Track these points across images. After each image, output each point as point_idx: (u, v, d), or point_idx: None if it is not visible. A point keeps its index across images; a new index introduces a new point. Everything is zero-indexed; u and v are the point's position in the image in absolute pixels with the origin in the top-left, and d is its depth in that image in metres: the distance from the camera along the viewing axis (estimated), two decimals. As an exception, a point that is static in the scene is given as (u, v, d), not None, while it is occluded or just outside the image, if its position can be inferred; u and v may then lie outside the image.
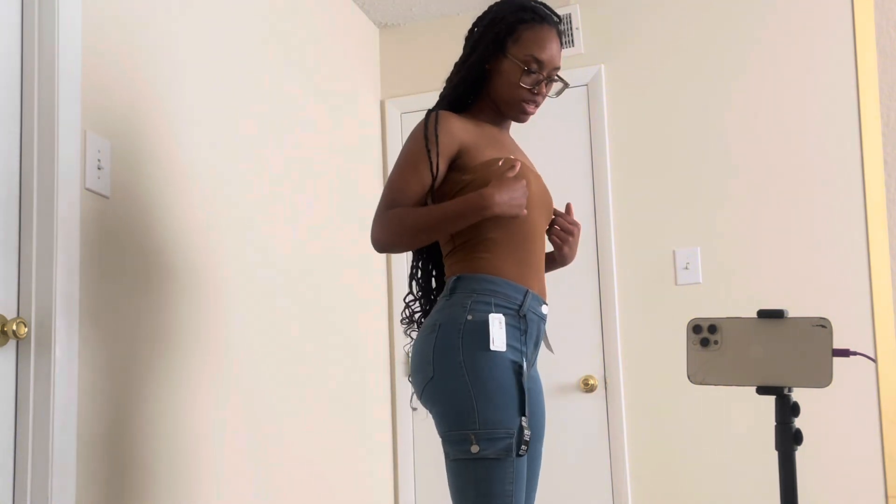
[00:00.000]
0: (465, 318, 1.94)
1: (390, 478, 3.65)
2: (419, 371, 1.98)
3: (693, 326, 1.64)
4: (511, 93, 2.08)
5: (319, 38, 3.37)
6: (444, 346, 1.93)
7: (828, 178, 3.27)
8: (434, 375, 1.93)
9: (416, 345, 2.01)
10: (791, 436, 1.57)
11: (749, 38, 3.42)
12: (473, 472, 1.87)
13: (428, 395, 1.96)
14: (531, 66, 2.05)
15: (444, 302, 2.00)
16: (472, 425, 1.87)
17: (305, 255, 3.11)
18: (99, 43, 2.18)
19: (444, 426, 1.92)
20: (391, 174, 2.05)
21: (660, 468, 3.38)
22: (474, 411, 1.88)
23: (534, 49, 2.05)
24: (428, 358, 1.95)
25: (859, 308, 3.19)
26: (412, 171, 2.01)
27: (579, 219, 3.55)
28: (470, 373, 1.90)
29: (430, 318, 2.01)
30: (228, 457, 2.58)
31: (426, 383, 1.95)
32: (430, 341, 1.96)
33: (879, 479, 3.12)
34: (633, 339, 3.45)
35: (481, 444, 1.86)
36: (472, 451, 1.86)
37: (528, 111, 2.11)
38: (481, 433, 1.87)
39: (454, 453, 1.90)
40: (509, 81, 2.07)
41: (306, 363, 3.06)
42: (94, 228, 2.11)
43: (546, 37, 2.07)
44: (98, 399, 2.09)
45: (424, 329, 2.01)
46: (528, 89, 2.07)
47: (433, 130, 2.00)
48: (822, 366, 1.55)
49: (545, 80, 2.09)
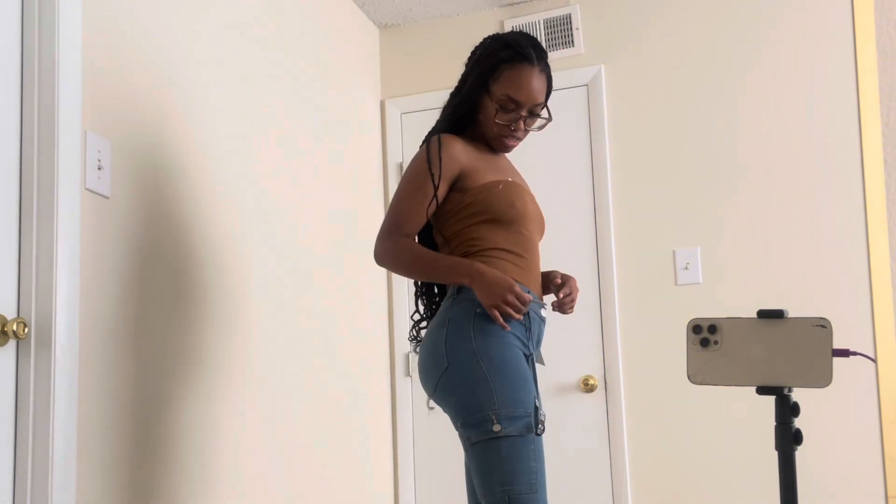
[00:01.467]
0: (475, 310, 2.02)
1: (390, 478, 3.65)
2: (432, 365, 2.03)
3: (693, 326, 1.64)
4: (491, 127, 2.18)
5: (319, 38, 3.37)
6: (457, 337, 2.01)
7: (828, 179, 3.27)
8: (448, 366, 1.99)
9: (426, 344, 2.08)
10: (791, 436, 1.57)
11: (749, 39, 3.42)
12: (497, 452, 1.91)
13: (443, 386, 2.00)
14: (507, 105, 2.14)
15: (452, 300, 2.08)
16: (491, 406, 1.93)
17: (305, 254, 3.11)
18: (99, 43, 2.18)
19: (464, 413, 1.96)
20: (397, 194, 2.16)
21: (660, 468, 3.37)
22: (492, 392, 1.94)
23: (510, 90, 2.13)
24: (441, 350, 2.01)
25: (859, 308, 3.19)
26: (416, 193, 2.12)
27: (579, 218, 3.55)
28: (484, 358, 1.97)
29: (439, 316, 2.09)
30: (228, 456, 2.58)
31: (440, 375, 2.00)
32: (440, 335, 2.03)
33: (879, 479, 3.12)
34: (633, 339, 3.45)
35: (502, 423, 1.92)
36: (494, 430, 1.91)
37: (508, 145, 2.21)
38: (501, 412, 1.93)
39: (476, 436, 1.94)
40: (489, 117, 2.17)
41: (306, 363, 3.06)
42: (94, 228, 2.11)
43: (524, 76, 2.13)
44: (98, 399, 2.09)
45: (434, 327, 2.07)
46: (505, 125, 2.16)
47: (436, 153, 2.11)
48: (822, 366, 1.55)
49: (525, 117, 2.17)
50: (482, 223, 2.12)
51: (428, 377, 2.05)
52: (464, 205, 2.13)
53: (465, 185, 2.13)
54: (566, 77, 3.61)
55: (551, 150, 3.61)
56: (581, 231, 3.55)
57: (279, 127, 3.02)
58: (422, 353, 2.09)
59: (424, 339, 2.11)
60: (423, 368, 2.07)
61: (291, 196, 3.06)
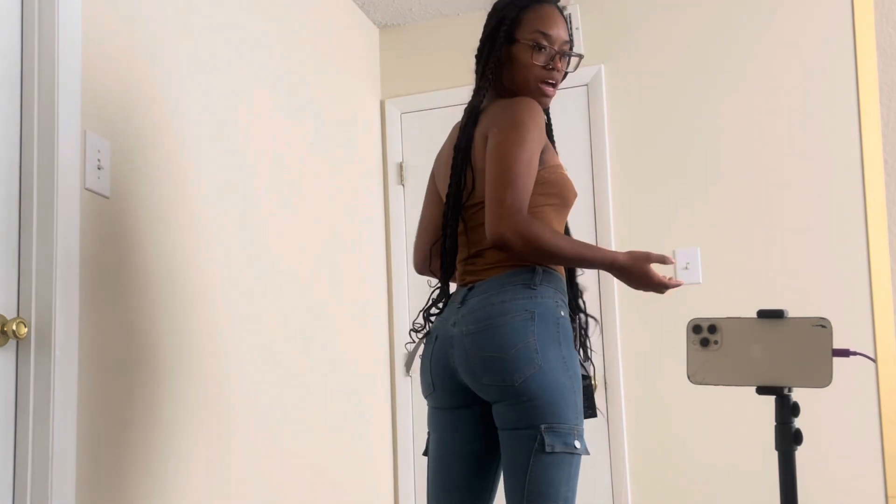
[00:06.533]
0: (559, 313, 1.97)
1: (390, 477, 3.65)
2: (522, 355, 1.89)
3: (693, 326, 1.64)
4: (527, 74, 2.07)
5: (319, 38, 3.37)
6: (546, 336, 1.92)
7: (828, 179, 3.27)
8: (542, 364, 1.89)
9: (500, 328, 1.92)
10: (791, 436, 1.57)
11: (749, 38, 3.42)
12: (569, 468, 1.91)
13: (536, 382, 1.89)
14: (541, 41, 2.06)
15: (529, 291, 1.95)
16: (576, 420, 1.91)
17: (306, 254, 3.11)
18: (99, 43, 2.18)
19: (552, 418, 1.89)
20: (504, 159, 1.92)
21: (660, 468, 3.37)
22: (577, 406, 1.92)
23: (539, 25, 2.07)
24: (532, 344, 1.90)
25: (859, 308, 3.19)
26: (530, 162, 1.94)
27: (579, 218, 3.55)
28: (570, 368, 1.93)
29: (515, 303, 1.94)
30: (229, 456, 2.58)
31: (535, 371, 1.89)
32: (528, 327, 1.91)
33: (879, 479, 3.12)
34: (633, 339, 3.45)
35: (580, 440, 1.91)
36: (575, 446, 1.90)
37: (547, 92, 2.10)
38: (579, 429, 1.92)
39: (559, 446, 1.89)
40: (523, 64, 2.07)
41: (307, 363, 3.06)
42: (94, 228, 2.11)
43: (549, 14, 2.09)
44: (98, 399, 2.09)
45: (509, 314, 1.93)
46: (542, 66, 2.07)
47: (533, 112, 1.97)
48: (822, 366, 1.55)
49: (557, 54, 2.09)
50: (551, 206, 2.03)
51: (512, 366, 1.89)
52: (542, 181, 2.00)
53: (544, 158, 2.01)
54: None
55: (551, 150, 3.61)
56: (581, 231, 3.55)
57: (279, 126, 3.02)
58: (491, 336, 1.92)
59: (489, 319, 1.93)
60: (498, 350, 1.91)
61: (291, 195, 3.06)
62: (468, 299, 2.01)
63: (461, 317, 2.00)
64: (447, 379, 2.03)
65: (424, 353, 2.11)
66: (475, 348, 1.95)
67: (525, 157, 1.93)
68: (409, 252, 3.72)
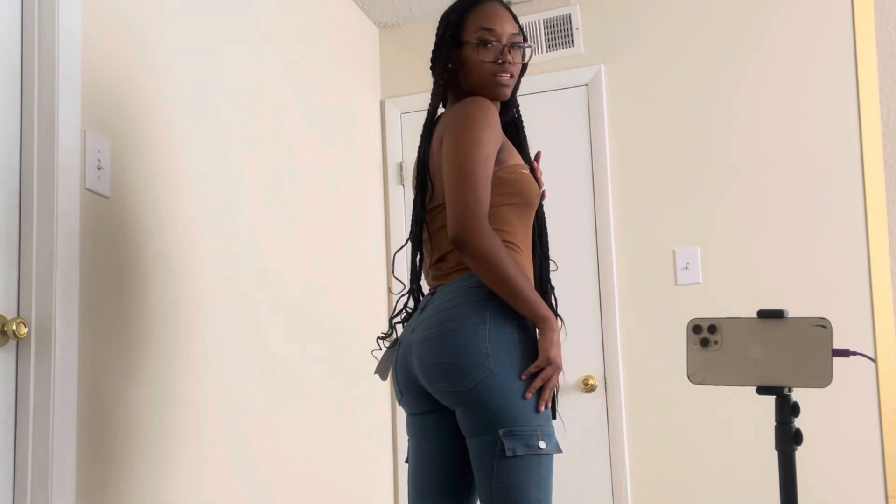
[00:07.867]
0: (515, 315, 1.92)
1: (390, 477, 3.65)
2: (473, 360, 1.88)
3: (693, 326, 1.64)
4: (479, 72, 2.06)
5: (319, 38, 3.37)
6: (499, 338, 1.89)
7: (828, 179, 3.27)
8: (494, 369, 1.86)
9: (451, 332, 1.91)
10: (791, 436, 1.57)
11: (749, 38, 3.42)
12: (538, 469, 1.88)
13: (486, 388, 1.87)
14: (486, 38, 2.05)
15: (484, 294, 1.93)
16: (538, 420, 1.88)
17: (305, 254, 3.11)
18: (99, 42, 2.18)
19: (509, 422, 1.86)
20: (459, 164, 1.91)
21: (660, 468, 3.38)
22: (535, 408, 1.88)
23: (482, 23, 2.06)
24: (483, 348, 1.88)
25: (859, 308, 3.19)
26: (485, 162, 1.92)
27: (579, 218, 3.55)
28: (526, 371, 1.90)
29: (468, 307, 1.92)
30: (230, 456, 2.58)
31: (485, 376, 1.86)
32: (480, 331, 1.90)
33: (879, 479, 3.12)
34: (633, 339, 3.45)
35: (545, 439, 1.88)
36: (539, 447, 1.86)
37: (503, 82, 2.06)
38: (544, 429, 1.89)
39: (522, 449, 1.86)
40: (473, 63, 2.06)
41: (307, 364, 3.06)
42: (94, 228, 2.11)
43: (491, 10, 2.08)
44: (98, 399, 2.09)
45: (460, 317, 1.92)
46: (492, 62, 2.05)
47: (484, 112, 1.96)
48: (822, 366, 1.55)
49: (505, 47, 2.07)
50: (511, 206, 1.99)
51: (462, 371, 1.87)
52: (500, 181, 1.97)
53: (502, 157, 1.98)
54: (566, 77, 3.61)
55: (551, 149, 3.61)
56: (581, 231, 3.55)
57: (279, 126, 3.02)
58: (443, 341, 1.90)
59: (442, 324, 1.92)
60: (449, 356, 1.89)
61: (291, 195, 3.06)
62: (429, 304, 2.00)
63: (419, 322, 2.00)
64: (411, 385, 2.02)
65: (395, 359, 2.10)
66: (429, 354, 1.93)
67: (482, 155, 1.92)
68: (408, 252, 3.72)
